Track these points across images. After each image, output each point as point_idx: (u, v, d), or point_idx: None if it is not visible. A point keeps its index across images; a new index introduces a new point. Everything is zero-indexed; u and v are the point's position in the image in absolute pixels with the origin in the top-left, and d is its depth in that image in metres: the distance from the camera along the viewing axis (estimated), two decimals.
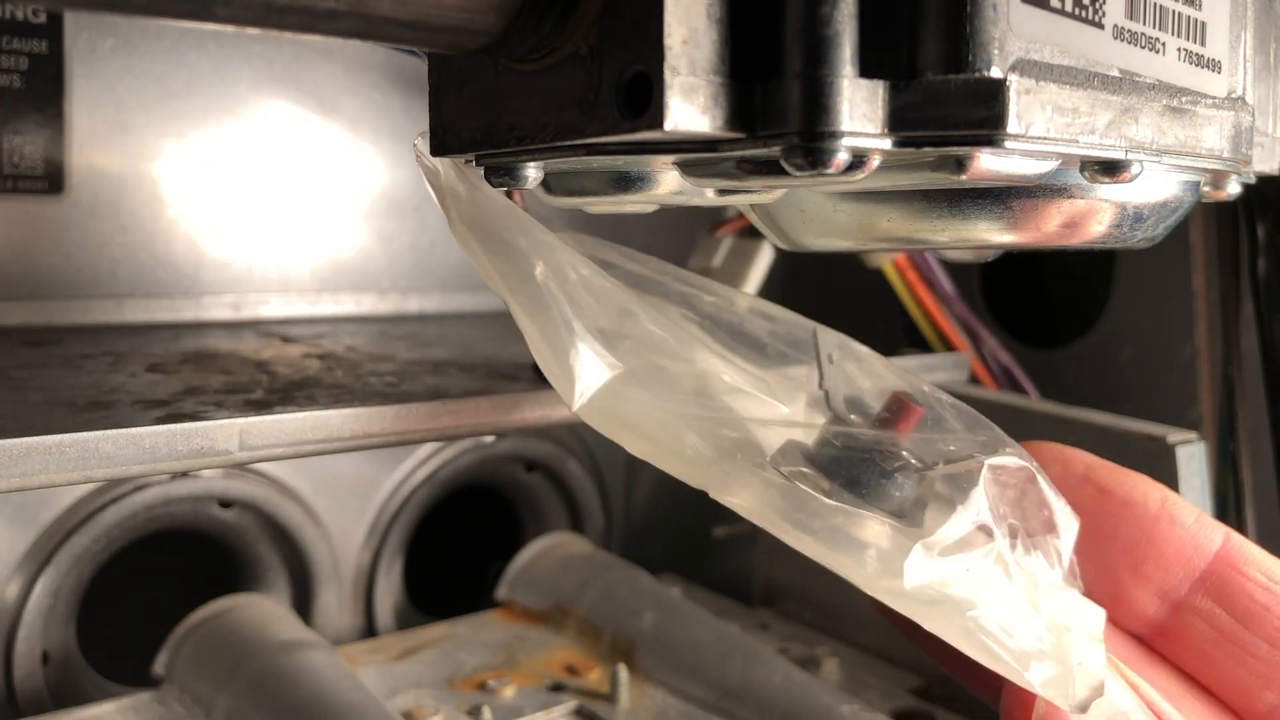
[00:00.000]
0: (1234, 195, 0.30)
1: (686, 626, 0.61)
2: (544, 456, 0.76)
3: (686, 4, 0.19)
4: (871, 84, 0.20)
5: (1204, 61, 0.26)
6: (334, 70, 0.64)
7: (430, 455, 0.70)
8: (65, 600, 0.58)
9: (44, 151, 0.55)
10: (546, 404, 0.45)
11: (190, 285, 0.61)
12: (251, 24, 0.19)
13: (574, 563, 0.69)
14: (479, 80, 0.24)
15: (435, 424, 0.42)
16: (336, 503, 0.67)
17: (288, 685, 0.51)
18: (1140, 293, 0.59)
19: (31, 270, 0.56)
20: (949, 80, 0.20)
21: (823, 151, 0.19)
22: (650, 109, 0.19)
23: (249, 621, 0.56)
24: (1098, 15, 0.23)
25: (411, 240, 0.69)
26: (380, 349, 0.54)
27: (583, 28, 0.21)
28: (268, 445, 0.38)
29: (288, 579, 0.66)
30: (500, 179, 0.25)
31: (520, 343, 0.28)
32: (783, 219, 0.28)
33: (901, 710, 0.62)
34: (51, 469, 0.33)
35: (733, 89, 0.20)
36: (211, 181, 0.61)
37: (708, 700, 0.58)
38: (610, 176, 0.26)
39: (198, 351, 0.51)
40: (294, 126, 0.63)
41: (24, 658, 0.56)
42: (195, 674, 0.54)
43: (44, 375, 0.43)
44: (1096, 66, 0.23)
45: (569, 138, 0.22)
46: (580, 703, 0.58)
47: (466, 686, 0.60)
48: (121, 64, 0.57)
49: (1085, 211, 0.26)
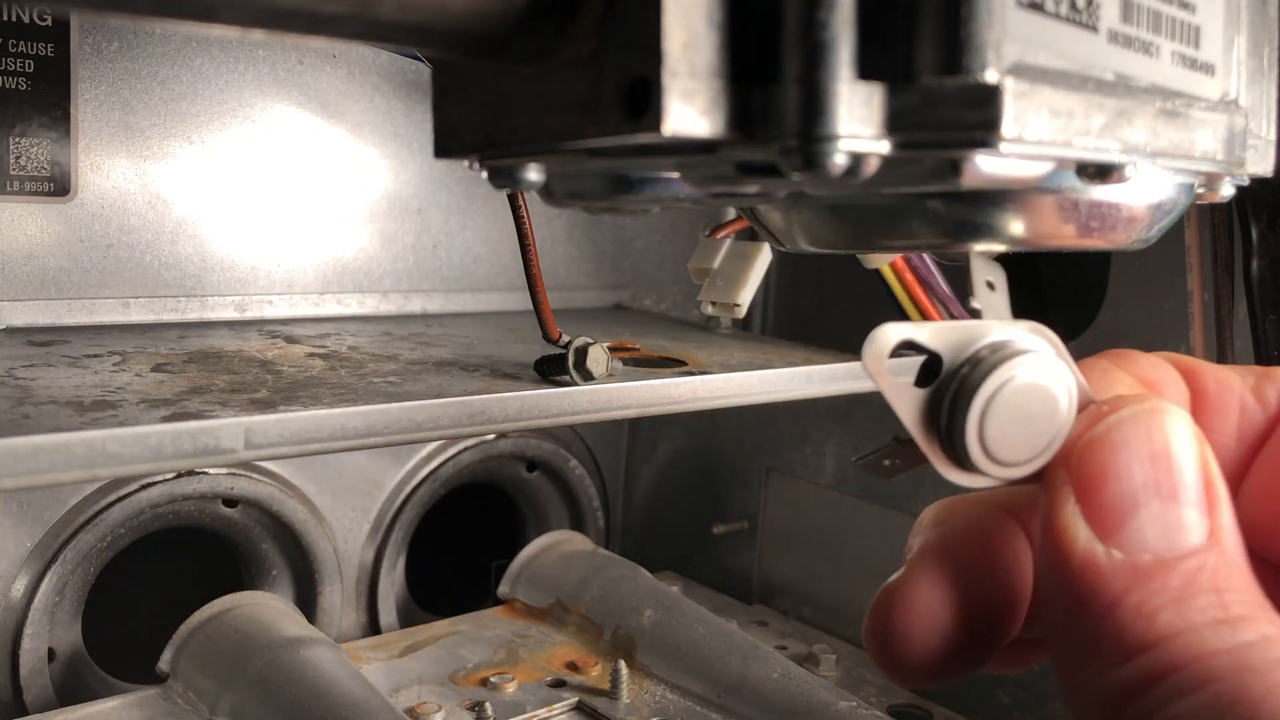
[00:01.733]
0: (1228, 197, 0.30)
1: (686, 623, 0.61)
2: (545, 455, 0.76)
3: (686, 9, 0.19)
4: (868, 87, 0.20)
5: (1198, 65, 0.27)
6: (337, 74, 0.65)
7: (433, 454, 0.71)
8: (71, 597, 0.58)
9: (50, 154, 0.55)
10: (548, 404, 0.45)
11: (195, 286, 0.61)
12: (256, 27, 0.19)
13: (575, 560, 0.70)
14: (481, 84, 0.24)
15: (438, 423, 0.42)
16: (340, 501, 0.67)
17: (292, 682, 0.52)
18: (1135, 293, 0.60)
19: (38, 271, 0.56)
20: (945, 83, 0.20)
21: (820, 154, 0.19)
22: (650, 112, 0.19)
23: (253, 618, 0.57)
24: (1093, 19, 0.23)
25: (414, 241, 0.69)
26: (383, 349, 0.54)
27: (584, 32, 0.21)
28: (272, 444, 0.38)
29: (292, 576, 0.66)
30: (502, 181, 0.25)
31: (521, 342, 0.29)
32: (781, 221, 0.29)
33: (899, 707, 0.62)
34: (58, 467, 0.34)
35: (731, 92, 0.20)
36: (216, 183, 0.61)
37: (707, 696, 0.58)
38: (611, 179, 0.26)
39: (203, 351, 0.51)
40: (298, 129, 0.64)
41: (30, 654, 0.56)
42: (200, 670, 0.54)
43: (50, 375, 0.43)
44: (1091, 70, 0.23)
45: (570, 140, 0.22)
46: (581, 698, 0.59)
47: (469, 683, 0.60)
48: (127, 67, 0.58)
49: (1080, 213, 0.26)
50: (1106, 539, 0.21)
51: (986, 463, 0.23)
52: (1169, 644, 0.19)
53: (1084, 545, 0.21)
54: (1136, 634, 0.20)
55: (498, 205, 0.71)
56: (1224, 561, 0.21)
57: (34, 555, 0.57)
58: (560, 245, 0.76)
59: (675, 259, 0.80)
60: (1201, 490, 0.21)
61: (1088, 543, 0.21)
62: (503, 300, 0.73)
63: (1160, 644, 0.19)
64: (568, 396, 0.46)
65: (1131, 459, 0.21)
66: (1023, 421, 0.23)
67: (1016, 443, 0.23)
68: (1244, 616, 0.20)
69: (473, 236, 0.72)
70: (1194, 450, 0.22)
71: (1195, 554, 0.21)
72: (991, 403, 0.22)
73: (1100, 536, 0.21)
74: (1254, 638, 0.19)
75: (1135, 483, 0.21)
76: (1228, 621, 0.19)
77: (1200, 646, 0.19)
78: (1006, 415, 0.22)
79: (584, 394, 0.46)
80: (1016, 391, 0.22)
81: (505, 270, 0.73)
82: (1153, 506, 0.21)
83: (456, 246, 0.71)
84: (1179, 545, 0.21)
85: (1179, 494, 0.21)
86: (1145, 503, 0.21)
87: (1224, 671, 0.19)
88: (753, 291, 0.64)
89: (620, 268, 0.79)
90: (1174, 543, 0.21)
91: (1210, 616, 0.20)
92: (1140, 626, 0.20)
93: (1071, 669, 0.21)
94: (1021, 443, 0.23)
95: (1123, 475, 0.21)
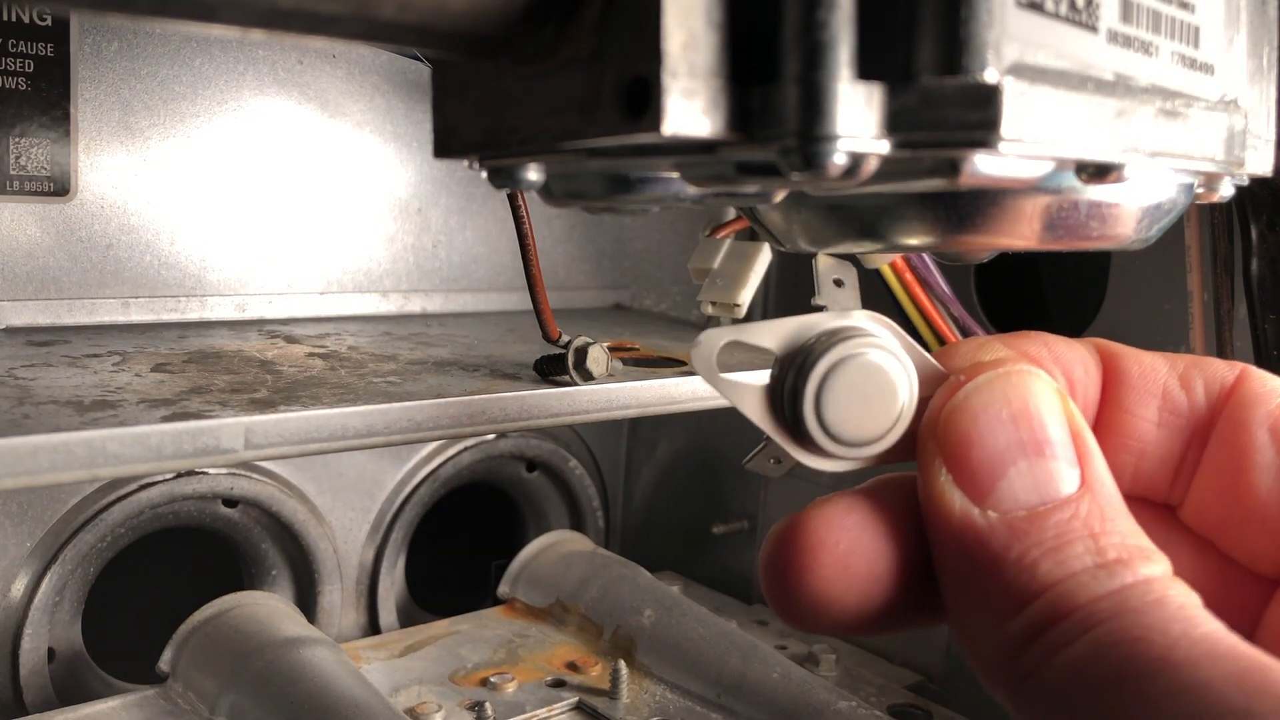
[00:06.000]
0: (1227, 197, 0.30)
1: (686, 623, 0.61)
2: (545, 455, 0.76)
3: (686, 8, 0.19)
4: (868, 87, 0.20)
5: (1197, 65, 0.27)
6: (337, 73, 0.65)
7: (433, 454, 0.71)
8: (71, 597, 0.58)
9: (50, 154, 0.55)
10: (548, 404, 0.45)
11: (195, 285, 0.61)
12: (256, 27, 0.20)
13: (575, 560, 0.70)
14: (481, 84, 0.24)
15: (438, 423, 0.42)
16: (340, 501, 0.67)
17: (292, 681, 0.51)
18: (1134, 294, 0.60)
19: (38, 271, 0.56)
20: (944, 83, 0.20)
21: (819, 154, 0.19)
22: (649, 112, 0.19)
23: (253, 618, 0.57)
24: (1092, 19, 0.23)
25: (414, 241, 0.69)
26: (383, 349, 0.54)
27: (583, 32, 0.21)
28: (272, 444, 0.38)
29: (291, 576, 0.66)
30: (502, 181, 0.25)
31: (521, 342, 0.29)
32: (781, 221, 0.29)
33: (898, 706, 0.62)
34: (58, 467, 0.34)
35: (731, 92, 0.20)
36: (216, 183, 0.61)
37: (707, 696, 0.58)
38: (610, 178, 0.26)
39: (203, 351, 0.51)
40: (297, 129, 0.64)
41: (30, 654, 0.56)
42: (200, 670, 0.54)
43: (50, 374, 0.43)
44: (1091, 70, 0.23)
45: (570, 141, 0.22)
46: (581, 698, 0.59)
47: (469, 682, 0.60)
48: (127, 67, 0.58)
49: (1080, 214, 0.26)
50: (981, 502, 0.21)
51: (835, 445, 0.23)
52: (1051, 593, 0.20)
53: (960, 511, 0.21)
54: (1020, 586, 0.20)
55: (497, 205, 0.71)
56: (1098, 506, 0.21)
57: (34, 555, 0.57)
58: (560, 245, 0.76)
59: (675, 259, 0.80)
60: (1069, 442, 0.22)
61: (963, 508, 0.21)
62: (503, 300, 0.73)
63: (1043, 593, 0.20)
64: (568, 396, 0.46)
65: (993, 421, 0.22)
66: (861, 402, 0.23)
67: (860, 423, 0.23)
68: (1121, 559, 0.20)
69: (472, 236, 0.72)
70: (1056, 405, 0.22)
71: (1068, 503, 0.21)
72: (826, 387, 0.23)
73: (975, 500, 0.21)
74: (1131, 579, 0.20)
75: (1000, 444, 0.22)
76: (1105, 565, 0.20)
77: (1080, 593, 0.20)
78: (844, 397, 0.23)
79: (584, 394, 0.46)
80: (850, 372, 0.23)
81: (505, 270, 0.73)
82: (1020, 464, 0.21)
83: (456, 246, 0.71)
84: (1050, 496, 0.21)
85: (1045, 449, 0.22)
86: (1013, 461, 0.21)
87: (1105, 615, 0.19)
88: (753, 291, 0.64)
89: (620, 268, 0.79)
90: (1045, 495, 0.21)
91: (1089, 562, 0.20)
92: (1023, 579, 0.20)
93: (968, 629, 0.21)
94: (866, 422, 0.23)
95: (987, 439, 0.22)
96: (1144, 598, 0.19)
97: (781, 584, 0.23)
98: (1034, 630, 0.20)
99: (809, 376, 0.23)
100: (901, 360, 0.24)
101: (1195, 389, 0.26)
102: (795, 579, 0.22)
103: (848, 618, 0.23)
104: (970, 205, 0.25)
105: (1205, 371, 0.26)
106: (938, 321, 0.59)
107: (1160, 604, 0.19)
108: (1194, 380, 0.26)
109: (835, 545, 0.22)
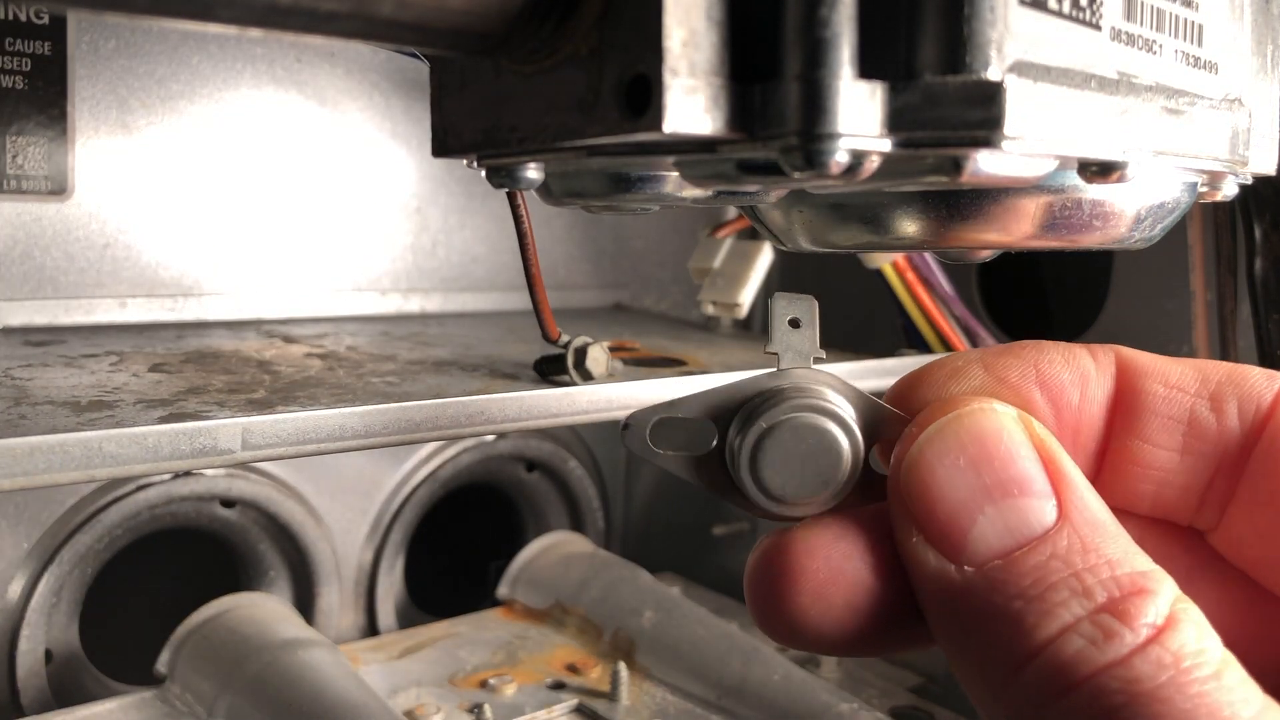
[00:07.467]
0: (1231, 196, 0.30)
1: (686, 625, 0.61)
2: (545, 456, 0.76)
3: (686, 6, 0.19)
4: (870, 85, 0.20)
5: (1201, 63, 0.26)
6: (336, 72, 0.65)
7: (431, 455, 0.70)
8: (68, 598, 0.58)
9: (47, 152, 0.55)
10: (547, 404, 0.45)
11: (193, 285, 0.61)
12: (253, 25, 0.19)
13: (574, 561, 0.70)
14: (480, 82, 0.24)
15: (437, 424, 0.42)
16: (338, 502, 0.67)
17: (289, 683, 0.51)
18: (1137, 293, 0.59)
19: (35, 270, 0.56)
20: (947, 82, 0.20)
21: (821, 153, 0.19)
22: (650, 110, 0.19)
23: (251, 620, 0.57)
24: (1095, 17, 0.23)
25: (412, 240, 0.69)
26: (382, 349, 0.54)
27: (583, 29, 0.21)
28: (270, 444, 0.38)
29: (289, 578, 0.66)
30: (501, 180, 0.25)
31: (520, 342, 0.28)
32: (782, 220, 0.28)
33: (900, 708, 0.62)
34: (55, 468, 0.34)
35: (732, 90, 0.20)
36: (213, 182, 0.61)
37: (707, 698, 0.58)
38: (610, 177, 0.26)
39: (200, 351, 0.51)
40: (295, 127, 0.63)
41: (27, 656, 0.56)
42: (197, 672, 0.54)
43: (47, 375, 0.43)
44: (1094, 68, 0.23)
45: (569, 139, 0.22)
46: (581, 700, 0.58)
47: (468, 684, 0.60)
48: (124, 65, 0.57)
49: (1082, 212, 0.26)
50: (955, 558, 0.20)
51: (783, 507, 0.23)
52: (1046, 654, 0.19)
53: (935, 571, 0.20)
54: (1013, 645, 0.19)
55: (497, 204, 0.71)
56: (1078, 537, 0.20)
57: (31, 556, 0.56)
58: (560, 245, 0.75)
59: (675, 259, 0.80)
60: (1040, 474, 0.21)
61: (938, 567, 0.20)
62: (502, 300, 0.73)
63: (1038, 654, 0.19)
64: (567, 396, 0.45)
65: (951, 471, 0.21)
66: (800, 462, 0.23)
67: (803, 481, 0.23)
68: (1113, 601, 0.19)
69: (472, 236, 0.71)
70: (1019, 437, 0.21)
71: (1045, 540, 0.20)
72: (761, 453, 0.23)
73: (949, 558, 0.20)
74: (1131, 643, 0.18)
75: (962, 494, 0.21)
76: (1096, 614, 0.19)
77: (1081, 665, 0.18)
78: (781, 459, 0.23)
79: (584, 394, 0.46)
80: (784, 435, 0.23)
81: (505, 270, 0.73)
82: (987, 510, 0.20)
83: (455, 246, 0.71)
84: (1025, 536, 0.20)
85: (1011, 489, 0.20)
86: (979, 509, 0.20)
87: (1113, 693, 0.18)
88: (754, 291, 0.64)
89: (620, 267, 0.79)
90: (1019, 536, 0.20)
91: (1078, 611, 0.19)
92: (1014, 636, 0.19)
93: (971, 688, 0.20)
94: (809, 480, 0.23)
95: (947, 491, 0.21)
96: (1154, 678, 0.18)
97: (761, 602, 0.22)
98: (1038, 699, 0.18)
99: (743, 445, 0.23)
100: (840, 411, 0.23)
101: (1228, 412, 0.23)
102: (775, 600, 0.22)
103: (825, 643, 0.22)
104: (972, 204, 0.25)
105: (1241, 389, 0.23)
106: (940, 321, 0.59)
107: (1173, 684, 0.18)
108: (1226, 401, 0.23)
109: (815, 573, 0.22)
